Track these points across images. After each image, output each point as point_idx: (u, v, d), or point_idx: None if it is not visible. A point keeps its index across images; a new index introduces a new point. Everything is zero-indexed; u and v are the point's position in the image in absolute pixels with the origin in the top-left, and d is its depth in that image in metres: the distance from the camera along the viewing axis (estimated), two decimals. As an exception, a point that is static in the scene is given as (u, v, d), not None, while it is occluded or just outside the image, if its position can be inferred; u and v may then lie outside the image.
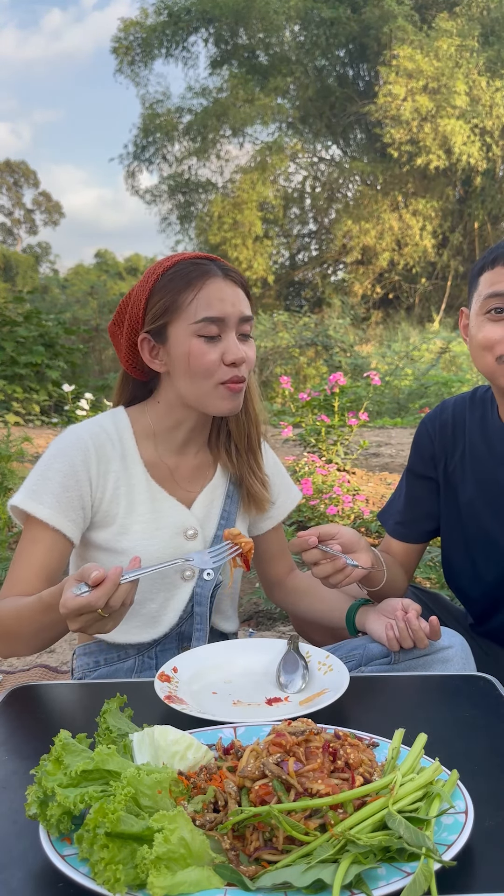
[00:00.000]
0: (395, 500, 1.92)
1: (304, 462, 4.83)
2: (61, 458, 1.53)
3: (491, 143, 20.61)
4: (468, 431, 1.78)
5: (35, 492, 1.50)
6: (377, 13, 20.49)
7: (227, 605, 1.72)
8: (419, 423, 1.89)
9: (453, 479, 1.79)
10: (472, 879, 0.85)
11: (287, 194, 24.86)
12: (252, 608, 3.48)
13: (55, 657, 2.94)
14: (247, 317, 1.54)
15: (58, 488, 1.50)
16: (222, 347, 1.50)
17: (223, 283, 1.52)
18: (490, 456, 1.73)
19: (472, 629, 1.90)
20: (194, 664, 1.44)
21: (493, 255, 1.60)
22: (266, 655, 1.48)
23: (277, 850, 0.85)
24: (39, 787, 0.90)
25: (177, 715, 1.23)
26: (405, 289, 23.82)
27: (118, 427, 1.61)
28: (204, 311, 1.49)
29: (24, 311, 11.52)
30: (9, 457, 4.67)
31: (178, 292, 1.50)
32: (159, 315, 1.52)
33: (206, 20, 22.71)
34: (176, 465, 1.64)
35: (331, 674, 1.37)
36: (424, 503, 1.85)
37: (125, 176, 27.35)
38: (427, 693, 1.38)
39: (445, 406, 1.87)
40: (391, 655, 1.52)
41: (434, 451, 1.83)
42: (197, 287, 1.50)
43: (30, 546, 1.51)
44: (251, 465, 1.69)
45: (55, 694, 1.43)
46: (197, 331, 1.49)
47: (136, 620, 1.59)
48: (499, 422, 1.73)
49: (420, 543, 1.88)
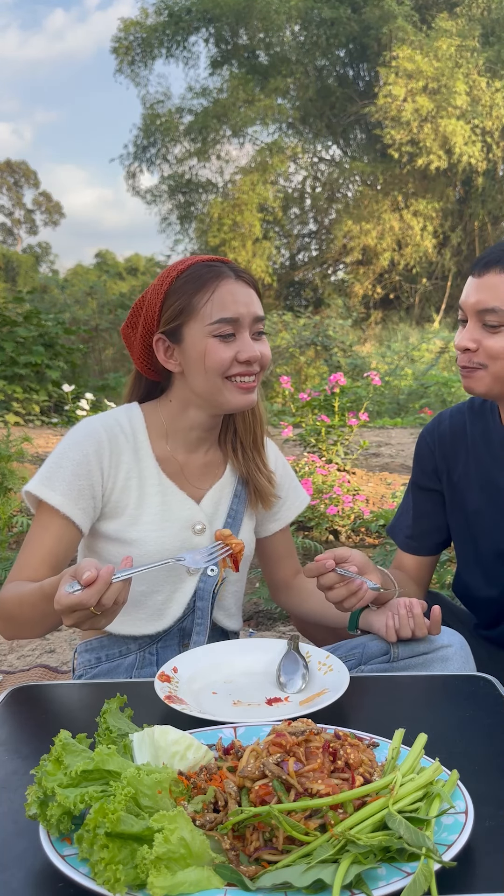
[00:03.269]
0: (404, 514, 1.91)
1: (304, 462, 4.83)
2: (75, 448, 1.57)
3: (491, 143, 20.61)
4: (470, 441, 1.78)
5: (48, 479, 1.54)
6: (377, 13, 20.49)
7: (230, 602, 1.74)
8: (418, 437, 1.90)
9: (459, 489, 1.79)
10: (472, 879, 0.85)
11: (287, 194, 24.87)
12: (252, 608, 3.48)
13: (55, 657, 2.94)
14: (260, 316, 1.59)
15: (70, 476, 1.54)
16: (237, 346, 1.55)
17: (236, 284, 1.56)
18: (495, 464, 1.73)
19: (477, 631, 1.90)
20: (194, 664, 1.44)
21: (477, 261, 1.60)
22: (266, 655, 1.48)
23: (277, 851, 0.85)
24: (39, 787, 0.90)
25: (177, 715, 1.23)
26: (405, 289, 23.82)
27: (132, 421, 1.65)
28: (219, 312, 1.53)
29: (24, 311, 11.52)
30: (9, 457, 4.66)
31: (193, 294, 1.55)
32: (174, 317, 1.56)
33: (207, 20, 22.72)
34: (186, 462, 1.68)
35: (331, 674, 1.37)
36: (432, 516, 1.86)
37: (126, 176, 27.43)
38: (427, 693, 1.38)
39: (442, 418, 1.87)
40: (390, 653, 1.52)
41: (436, 464, 1.83)
42: (211, 289, 1.54)
43: (40, 532, 1.54)
44: (256, 461, 1.73)
45: (55, 694, 1.43)
46: (212, 331, 1.53)
47: (143, 612, 1.62)
48: (500, 427, 1.73)
49: (431, 556, 1.89)
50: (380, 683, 1.37)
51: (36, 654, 2.97)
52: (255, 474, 1.72)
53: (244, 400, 1.58)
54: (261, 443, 1.74)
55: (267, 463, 1.75)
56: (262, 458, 1.74)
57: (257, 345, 1.57)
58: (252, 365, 1.56)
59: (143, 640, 1.65)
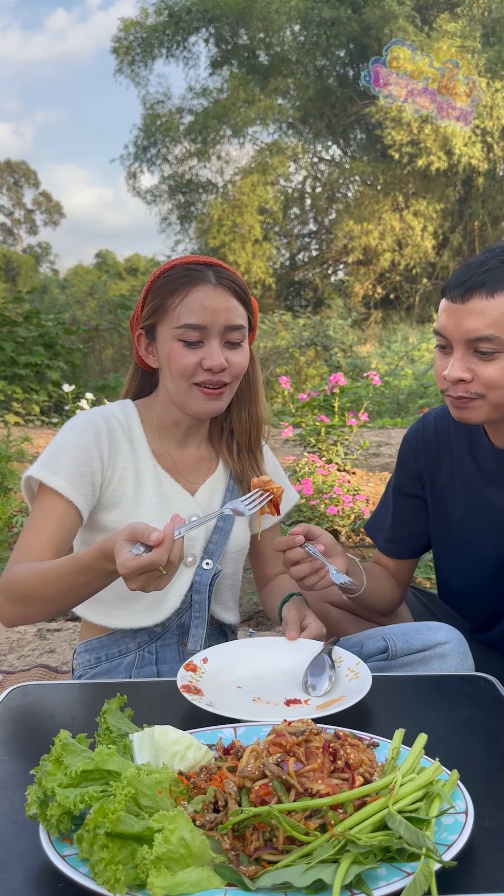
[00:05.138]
0: (382, 515, 1.88)
1: (304, 462, 4.83)
2: (74, 435, 1.59)
3: (492, 142, 20.60)
4: (455, 449, 1.74)
5: (50, 464, 1.55)
6: (378, 13, 20.47)
7: (227, 595, 1.76)
8: (402, 440, 1.85)
9: (443, 497, 1.76)
10: (472, 879, 0.85)
11: (287, 194, 24.85)
12: (252, 608, 3.48)
13: (55, 657, 2.94)
14: (234, 325, 1.56)
15: (72, 462, 1.56)
16: (203, 353, 1.55)
17: (213, 291, 1.55)
18: (480, 476, 1.69)
19: (472, 635, 1.89)
20: (227, 656, 1.46)
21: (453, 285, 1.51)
22: (301, 656, 1.48)
23: (277, 850, 0.85)
24: (39, 787, 0.90)
25: (177, 715, 1.23)
26: (406, 289, 23.82)
27: (127, 416, 1.68)
28: (186, 317, 1.54)
29: (24, 311, 11.52)
30: (9, 457, 4.67)
31: (167, 297, 1.57)
32: (150, 314, 1.61)
33: (207, 20, 22.69)
34: (179, 458, 1.70)
35: (356, 681, 1.36)
36: (413, 521, 1.83)
37: (126, 176, 27.37)
38: (427, 693, 1.38)
39: (427, 421, 1.82)
40: (388, 651, 1.53)
41: (420, 470, 1.80)
42: (183, 294, 1.55)
43: (42, 514, 1.54)
44: (251, 462, 1.74)
45: (55, 694, 1.43)
46: (178, 335, 1.55)
47: (141, 604, 1.63)
48: (487, 441, 1.69)
49: (412, 559, 1.87)
50: (380, 683, 1.37)
51: (36, 654, 2.97)
52: (249, 475, 1.73)
53: (207, 407, 1.59)
54: (255, 445, 1.76)
55: (262, 465, 1.77)
56: (257, 460, 1.76)
57: (230, 353, 1.56)
58: (218, 374, 1.56)
59: (142, 639, 1.65)
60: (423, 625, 1.58)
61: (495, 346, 1.45)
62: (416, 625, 1.60)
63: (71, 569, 1.39)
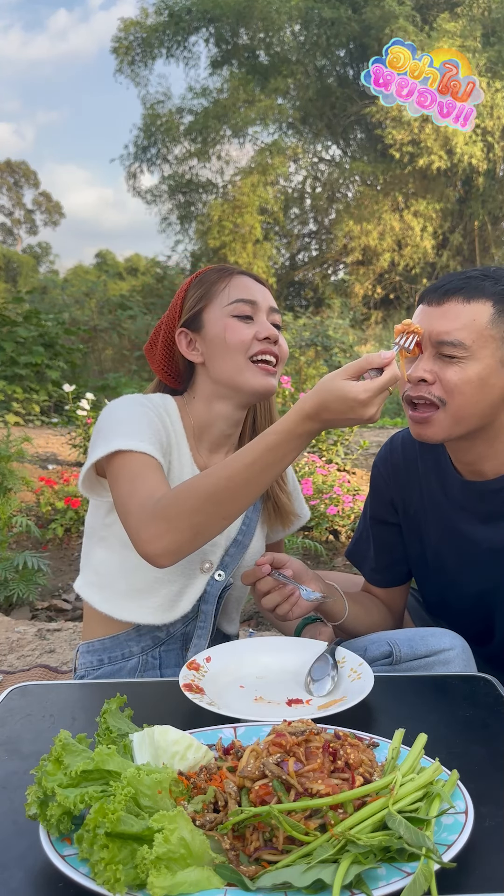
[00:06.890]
0: (364, 544, 1.83)
1: (304, 462, 4.83)
2: (138, 406, 1.58)
3: (492, 142, 20.60)
4: (423, 476, 1.70)
5: (129, 434, 1.48)
6: (378, 13, 20.47)
7: (232, 607, 1.76)
8: (372, 466, 1.81)
9: (416, 524, 1.72)
10: (472, 879, 0.85)
11: (287, 194, 24.85)
12: (252, 608, 3.48)
13: (55, 657, 2.94)
14: (275, 308, 1.65)
15: (147, 429, 1.52)
16: (256, 326, 1.60)
17: (250, 279, 1.66)
18: (449, 505, 1.65)
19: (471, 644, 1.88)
20: (231, 656, 1.45)
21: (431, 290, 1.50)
22: (306, 655, 1.47)
23: (277, 850, 0.85)
24: (39, 787, 0.90)
25: (176, 715, 1.23)
26: (406, 289, 23.81)
27: (167, 408, 1.67)
28: (237, 293, 1.61)
29: (24, 311, 11.53)
30: (9, 457, 4.66)
31: (211, 285, 1.64)
32: (194, 304, 1.64)
33: (207, 20, 22.69)
34: (209, 463, 1.68)
35: (357, 682, 1.36)
36: (394, 549, 1.78)
37: (126, 176, 27.33)
38: (427, 693, 1.38)
39: (394, 445, 1.77)
40: (392, 656, 1.53)
41: (392, 496, 1.76)
42: (227, 279, 1.64)
43: (143, 472, 1.44)
44: (277, 480, 1.75)
45: (55, 694, 1.43)
46: (231, 311, 1.60)
47: (155, 601, 1.59)
48: (454, 472, 1.63)
49: (402, 585, 1.83)
50: (380, 683, 1.37)
51: (36, 654, 2.97)
52: (275, 489, 1.73)
53: (265, 381, 1.59)
54: None
55: (287, 481, 1.78)
56: (283, 476, 1.76)
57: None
58: (272, 344, 1.59)
59: (145, 643, 1.63)
60: (427, 630, 1.57)
61: (462, 353, 1.43)
62: (420, 630, 1.58)
63: (268, 444, 1.33)
